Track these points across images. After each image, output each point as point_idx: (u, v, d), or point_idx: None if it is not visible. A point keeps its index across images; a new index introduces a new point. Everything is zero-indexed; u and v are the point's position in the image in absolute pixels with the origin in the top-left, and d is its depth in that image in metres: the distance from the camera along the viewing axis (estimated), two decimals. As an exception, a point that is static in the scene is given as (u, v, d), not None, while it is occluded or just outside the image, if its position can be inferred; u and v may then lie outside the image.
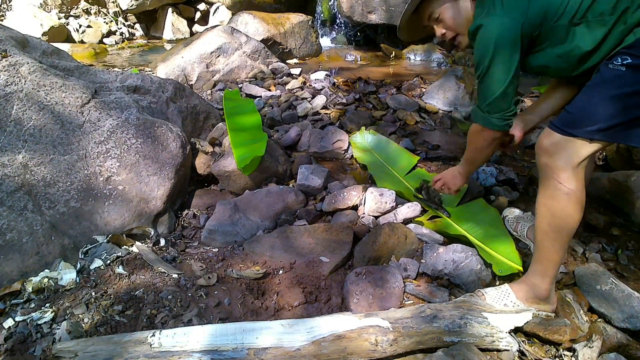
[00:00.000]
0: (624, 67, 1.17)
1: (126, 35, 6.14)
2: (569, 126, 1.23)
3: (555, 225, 1.29)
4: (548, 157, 1.27)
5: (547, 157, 1.27)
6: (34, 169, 1.69)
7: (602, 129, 1.19)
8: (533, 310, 1.39)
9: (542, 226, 1.32)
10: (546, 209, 1.30)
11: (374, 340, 1.25)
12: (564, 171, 1.24)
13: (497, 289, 1.44)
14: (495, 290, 1.44)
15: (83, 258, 1.65)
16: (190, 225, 2.02)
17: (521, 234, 1.77)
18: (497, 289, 1.45)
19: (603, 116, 1.19)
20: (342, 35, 5.57)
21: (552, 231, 1.31)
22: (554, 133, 1.26)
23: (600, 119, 1.19)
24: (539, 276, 1.37)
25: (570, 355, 1.33)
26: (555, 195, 1.26)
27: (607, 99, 1.19)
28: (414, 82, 3.54)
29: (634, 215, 1.87)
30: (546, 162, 1.27)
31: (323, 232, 1.78)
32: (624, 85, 1.17)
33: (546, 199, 1.29)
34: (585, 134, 1.21)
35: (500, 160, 2.43)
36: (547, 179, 1.28)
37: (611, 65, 1.20)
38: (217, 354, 1.19)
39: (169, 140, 2.02)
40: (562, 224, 1.28)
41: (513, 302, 1.40)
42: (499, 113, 1.43)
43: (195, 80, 3.73)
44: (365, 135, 2.56)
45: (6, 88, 1.76)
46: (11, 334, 1.33)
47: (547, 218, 1.30)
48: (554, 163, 1.25)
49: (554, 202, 1.27)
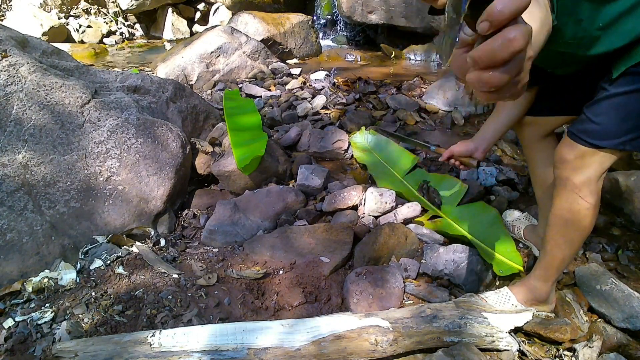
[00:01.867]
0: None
1: (126, 35, 6.14)
2: (597, 138, 1.13)
3: (570, 237, 1.25)
4: (571, 171, 1.19)
5: (569, 172, 1.19)
6: (34, 169, 1.69)
7: (635, 137, 1.11)
8: (533, 310, 1.39)
9: (555, 237, 1.27)
10: (563, 221, 1.24)
11: (374, 340, 1.25)
12: (587, 186, 1.17)
13: (497, 293, 1.44)
14: (495, 294, 1.44)
15: (83, 258, 1.65)
16: (190, 225, 2.02)
17: (519, 235, 1.77)
18: (497, 292, 1.45)
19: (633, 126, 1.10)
20: (342, 36, 5.57)
21: (564, 242, 1.27)
22: (579, 145, 1.17)
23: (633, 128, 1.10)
24: (542, 281, 1.36)
25: (570, 355, 1.33)
26: (574, 208, 1.20)
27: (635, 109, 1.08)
28: (414, 82, 3.54)
29: (634, 215, 1.87)
30: (568, 176, 1.20)
31: (323, 232, 1.78)
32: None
33: (564, 211, 1.23)
34: (617, 145, 1.12)
35: (500, 160, 2.43)
36: (567, 192, 1.21)
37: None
38: (217, 354, 1.19)
39: (169, 140, 2.02)
40: (578, 236, 1.25)
41: (513, 305, 1.40)
42: None
43: (195, 80, 3.73)
44: (365, 135, 2.57)
45: (6, 88, 1.76)
46: (11, 334, 1.33)
47: (562, 230, 1.25)
48: (578, 178, 1.18)
49: (572, 216, 1.21)
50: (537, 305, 1.40)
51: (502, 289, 1.46)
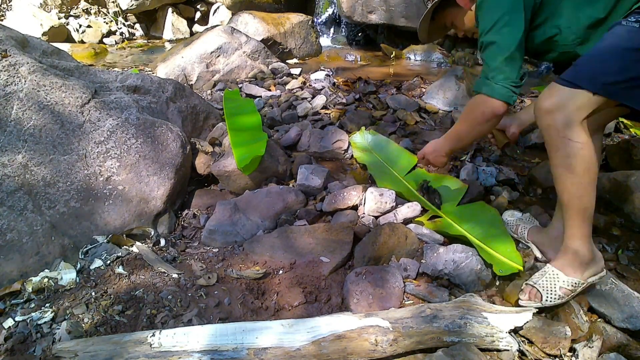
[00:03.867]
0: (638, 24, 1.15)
1: (126, 35, 6.14)
2: (574, 78, 1.20)
3: (578, 180, 1.26)
4: (550, 116, 1.23)
5: (549, 117, 1.23)
6: (34, 169, 1.69)
7: (607, 82, 1.16)
8: (533, 310, 1.38)
9: (566, 187, 1.29)
10: (564, 169, 1.27)
11: (374, 340, 1.25)
12: (570, 127, 1.21)
13: (544, 274, 1.40)
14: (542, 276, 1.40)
15: (83, 258, 1.65)
16: (190, 225, 2.02)
17: (522, 236, 1.76)
18: (543, 274, 1.41)
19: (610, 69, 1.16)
20: (342, 35, 5.57)
21: (577, 188, 1.28)
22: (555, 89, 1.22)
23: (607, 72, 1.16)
24: (578, 239, 1.35)
25: (570, 355, 1.33)
26: (569, 152, 1.23)
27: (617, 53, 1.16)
28: (414, 82, 3.54)
29: (634, 215, 1.87)
30: (549, 123, 1.24)
31: (323, 232, 1.78)
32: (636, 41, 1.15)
33: (561, 159, 1.26)
34: (590, 86, 1.18)
35: (500, 160, 2.43)
36: (555, 140, 1.25)
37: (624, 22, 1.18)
38: (217, 354, 1.19)
39: (169, 140, 2.02)
40: (586, 178, 1.26)
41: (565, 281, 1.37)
42: (504, 81, 1.36)
43: (195, 80, 3.73)
44: (365, 135, 2.56)
45: (6, 88, 1.76)
46: (11, 334, 1.33)
47: (569, 177, 1.27)
48: (558, 121, 1.22)
49: (571, 160, 1.24)
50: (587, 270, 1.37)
51: (546, 267, 1.42)
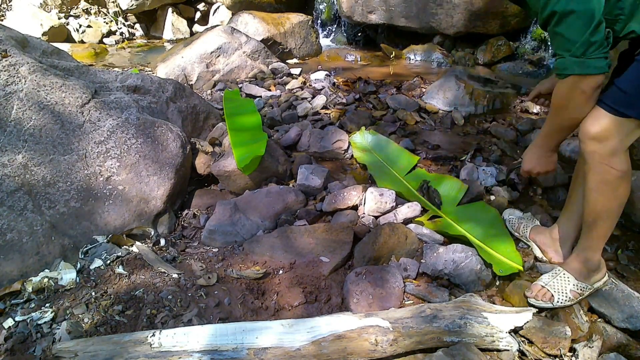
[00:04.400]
0: None
1: (126, 35, 6.13)
2: (624, 106, 1.16)
3: (610, 206, 1.30)
4: (597, 144, 1.21)
5: (595, 145, 1.22)
6: (34, 169, 1.69)
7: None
8: (534, 310, 1.39)
9: (596, 209, 1.32)
10: (599, 194, 1.28)
11: (374, 340, 1.25)
12: (616, 156, 1.20)
13: (555, 276, 1.46)
14: (553, 277, 1.46)
15: (83, 258, 1.65)
16: (190, 225, 2.02)
17: (523, 235, 1.76)
18: (554, 275, 1.47)
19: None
20: (342, 35, 5.56)
21: (606, 212, 1.31)
22: (603, 116, 1.19)
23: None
24: (591, 251, 1.41)
25: (570, 355, 1.33)
26: (608, 179, 1.24)
27: None
28: (414, 82, 3.54)
29: (634, 215, 1.87)
30: (594, 150, 1.22)
31: (323, 232, 1.78)
32: None
33: (597, 184, 1.27)
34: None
35: (500, 160, 2.43)
36: (597, 166, 1.24)
37: None
38: (217, 354, 1.19)
39: (169, 140, 2.02)
40: (617, 204, 1.29)
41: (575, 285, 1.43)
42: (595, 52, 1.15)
43: (195, 80, 3.73)
44: (365, 135, 2.56)
45: (6, 88, 1.76)
46: (11, 334, 1.33)
47: (601, 202, 1.29)
48: (605, 150, 1.20)
49: (607, 187, 1.25)
50: (593, 276, 1.44)
51: (557, 269, 1.49)
